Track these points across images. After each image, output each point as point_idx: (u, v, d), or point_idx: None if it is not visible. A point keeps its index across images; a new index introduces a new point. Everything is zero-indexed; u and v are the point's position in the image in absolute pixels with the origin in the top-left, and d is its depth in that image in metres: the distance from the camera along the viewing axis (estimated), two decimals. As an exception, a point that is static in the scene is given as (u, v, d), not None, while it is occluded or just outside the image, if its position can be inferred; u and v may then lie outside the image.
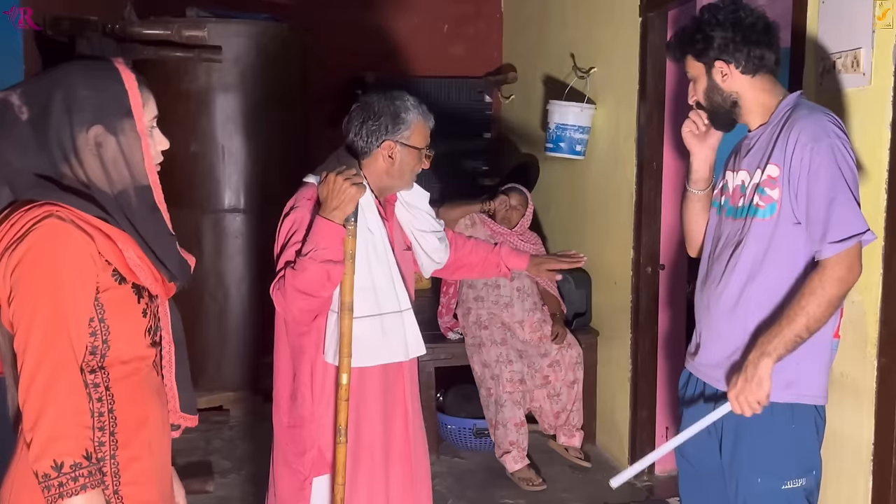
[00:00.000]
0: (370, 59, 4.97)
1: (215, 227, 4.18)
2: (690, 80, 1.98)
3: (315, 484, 2.08)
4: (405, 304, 2.10)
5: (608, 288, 3.82)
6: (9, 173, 1.34)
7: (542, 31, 4.54)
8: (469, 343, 3.73)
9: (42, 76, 1.38)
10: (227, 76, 4.08)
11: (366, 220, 2.04)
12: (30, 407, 1.25)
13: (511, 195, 3.82)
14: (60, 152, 1.35)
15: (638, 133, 3.48)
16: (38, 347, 1.26)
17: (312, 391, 2.08)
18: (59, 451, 1.24)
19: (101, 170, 1.37)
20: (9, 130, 1.34)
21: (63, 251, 1.29)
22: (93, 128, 1.36)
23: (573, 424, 3.78)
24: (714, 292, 1.95)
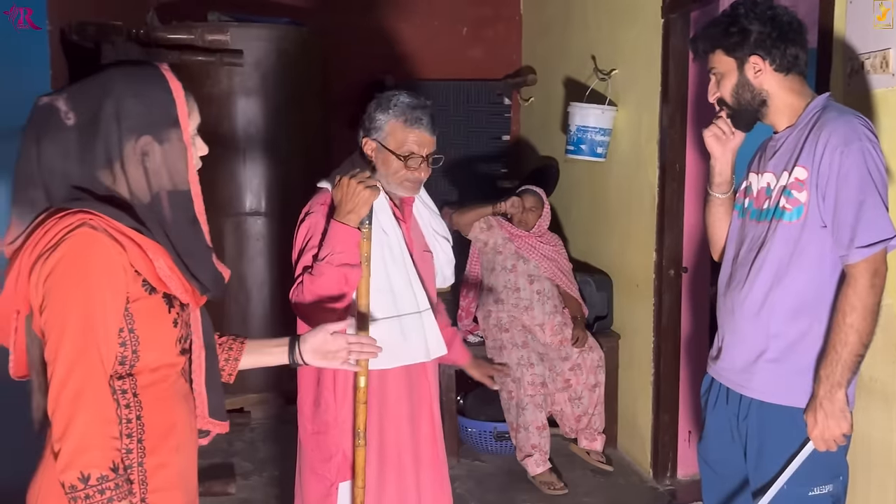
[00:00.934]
0: (390, 62, 4.98)
1: (237, 230, 4.20)
2: (715, 75, 1.94)
3: (341, 489, 2.08)
4: (424, 304, 2.09)
5: (630, 291, 3.80)
6: (48, 178, 1.34)
7: (563, 32, 4.53)
8: (489, 346, 3.72)
9: (89, 82, 1.37)
10: (249, 80, 4.10)
11: (379, 222, 2.04)
12: (58, 417, 1.25)
13: (525, 197, 3.80)
14: (105, 160, 1.35)
15: (660, 135, 3.46)
16: (68, 358, 1.26)
17: (336, 396, 2.08)
18: (87, 462, 1.24)
19: (143, 178, 1.37)
20: (54, 135, 1.33)
21: (94, 261, 1.29)
22: (142, 138, 1.36)
23: (595, 428, 3.76)
24: (738, 296, 1.93)
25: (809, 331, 1.83)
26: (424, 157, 2.08)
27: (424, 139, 2.07)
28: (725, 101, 1.94)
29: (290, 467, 2.21)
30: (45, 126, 1.34)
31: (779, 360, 1.87)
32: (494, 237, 3.78)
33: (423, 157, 2.08)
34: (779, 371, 1.87)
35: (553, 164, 4.55)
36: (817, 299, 1.82)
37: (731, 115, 1.95)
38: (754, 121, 1.95)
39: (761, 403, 1.89)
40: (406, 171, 2.07)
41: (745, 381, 1.92)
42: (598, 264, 4.08)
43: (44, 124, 1.34)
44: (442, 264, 2.28)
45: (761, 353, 1.88)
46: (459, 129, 5.12)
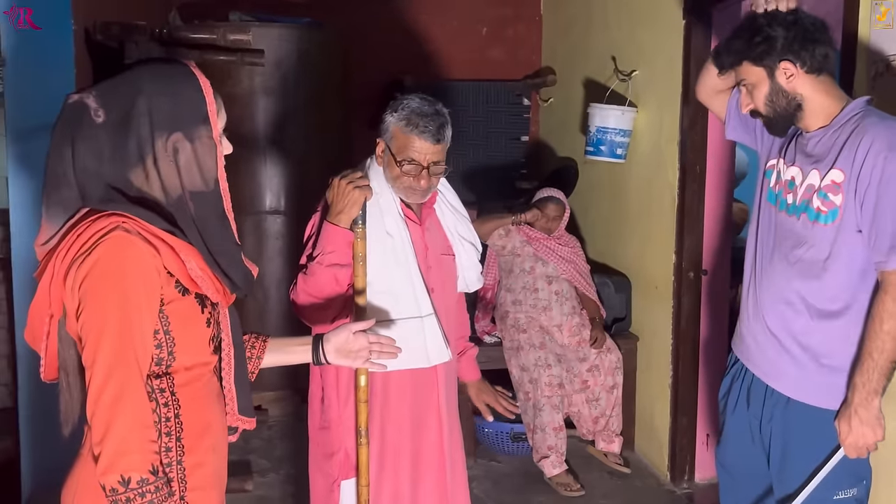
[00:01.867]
0: (409, 63, 4.99)
1: (256, 229, 4.23)
2: (745, 87, 1.91)
3: (343, 487, 2.09)
4: (426, 310, 2.06)
5: (649, 293, 3.78)
6: (81, 178, 1.34)
7: (583, 33, 4.52)
8: (507, 347, 3.72)
9: (118, 80, 1.37)
10: (270, 80, 4.12)
11: (384, 223, 2.03)
12: (98, 421, 1.26)
13: (547, 206, 3.76)
14: (138, 157, 1.35)
15: (681, 136, 3.44)
16: (106, 362, 1.27)
17: (338, 394, 2.08)
18: (126, 466, 1.26)
19: (175, 176, 1.37)
20: (85, 133, 1.33)
21: (130, 264, 1.29)
22: (173, 134, 1.36)
23: (612, 430, 3.75)
24: (768, 289, 1.92)
25: (839, 333, 1.82)
26: (425, 167, 2.01)
27: (426, 147, 2.00)
28: (759, 112, 1.92)
29: (306, 465, 2.22)
30: (77, 124, 1.34)
31: (807, 360, 1.86)
32: (512, 241, 3.77)
33: (424, 166, 2.01)
34: (806, 371, 1.86)
35: (572, 165, 4.54)
36: (847, 302, 1.81)
37: (767, 123, 1.93)
38: (790, 126, 1.93)
39: (787, 403, 1.89)
40: (405, 178, 2.02)
41: (775, 375, 1.91)
42: (617, 266, 4.06)
43: (75, 122, 1.34)
44: (465, 268, 2.25)
45: (789, 350, 1.88)
46: (479, 129, 5.12)
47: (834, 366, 1.83)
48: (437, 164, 2.03)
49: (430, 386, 2.13)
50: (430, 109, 2.02)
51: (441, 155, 2.04)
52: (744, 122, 2.09)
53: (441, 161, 2.04)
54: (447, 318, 2.16)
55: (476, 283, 2.31)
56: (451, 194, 2.25)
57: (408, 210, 2.10)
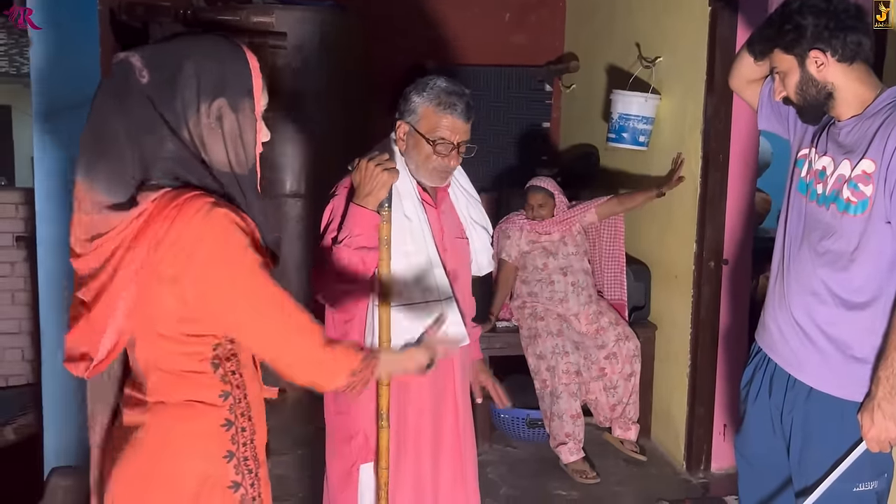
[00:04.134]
0: (431, 47, 4.97)
1: (277, 212, 4.24)
2: (778, 74, 1.89)
3: (362, 470, 2.10)
4: (445, 293, 2.06)
5: (669, 282, 3.76)
6: (139, 154, 1.31)
7: (607, 19, 4.48)
8: (524, 335, 3.71)
9: (166, 44, 1.37)
10: (292, 62, 4.12)
11: (402, 207, 2.02)
12: (297, 362, 1.38)
13: (532, 195, 3.73)
14: (183, 119, 1.33)
15: (704, 125, 3.41)
16: (280, 312, 1.35)
17: None
18: (344, 368, 1.41)
19: (221, 144, 1.36)
20: (129, 91, 1.31)
21: (239, 238, 1.31)
22: (217, 100, 1.34)
23: (629, 417, 3.75)
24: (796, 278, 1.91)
25: (865, 325, 1.81)
26: (455, 145, 2.03)
27: (457, 125, 2.02)
28: (791, 100, 1.90)
29: (323, 447, 2.24)
30: (124, 83, 1.32)
31: (831, 351, 1.85)
32: (518, 245, 3.73)
33: (455, 144, 2.03)
34: (830, 361, 1.85)
35: (593, 151, 4.51)
36: (874, 294, 1.80)
37: (798, 111, 1.91)
38: (822, 115, 1.90)
39: (809, 393, 1.88)
40: (436, 158, 2.03)
41: (798, 365, 1.90)
42: (636, 254, 4.04)
43: (120, 81, 1.32)
44: (477, 252, 2.26)
45: (813, 340, 1.87)
46: (500, 115, 5.10)
47: (858, 357, 1.81)
48: (467, 142, 2.05)
49: (447, 369, 2.13)
50: (458, 89, 2.05)
51: (469, 134, 2.06)
52: (776, 111, 2.07)
53: (468, 141, 2.06)
54: (463, 302, 2.16)
55: (487, 267, 2.32)
56: (464, 178, 2.24)
57: (424, 193, 2.10)
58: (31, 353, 4.25)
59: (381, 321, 1.95)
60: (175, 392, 1.36)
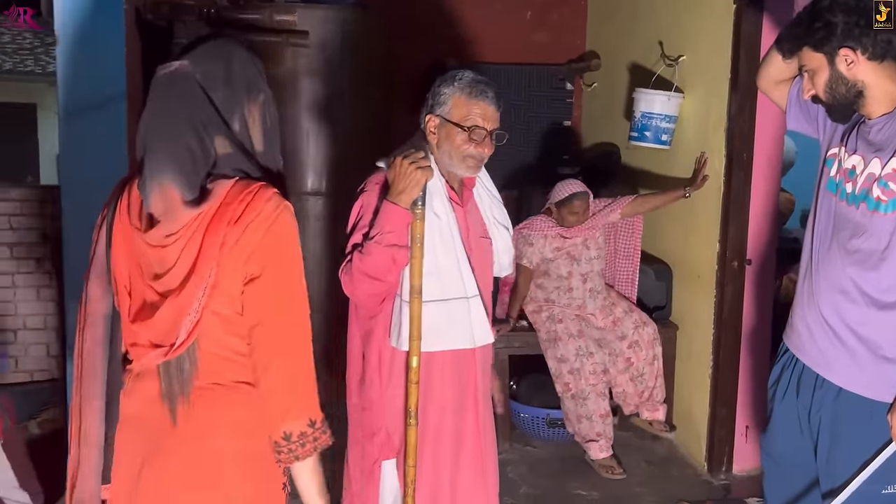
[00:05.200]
0: (452, 46, 4.97)
1: (298, 210, 4.18)
2: (807, 73, 1.88)
3: (385, 467, 2.10)
4: (472, 290, 2.07)
5: (691, 281, 3.74)
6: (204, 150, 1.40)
7: (629, 18, 4.45)
8: (543, 338, 3.69)
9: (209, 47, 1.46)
10: (314, 61, 4.13)
11: (432, 205, 2.02)
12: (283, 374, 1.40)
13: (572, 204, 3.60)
14: (237, 115, 1.44)
15: (728, 123, 3.38)
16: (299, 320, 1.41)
17: (381, 374, 2.09)
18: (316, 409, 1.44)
19: (260, 137, 1.48)
20: (187, 91, 1.41)
21: (297, 233, 1.44)
22: (260, 95, 1.48)
23: (657, 399, 3.74)
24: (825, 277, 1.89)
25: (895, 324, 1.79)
26: (488, 132, 2.05)
27: (489, 112, 2.05)
28: (820, 98, 1.88)
29: (344, 443, 2.24)
30: (186, 87, 1.41)
31: (861, 351, 1.83)
32: (542, 251, 3.69)
33: (487, 130, 2.05)
34: (860, 361, 1.83)
35: (614, 150, 4.49)
36: None
37: (828, 109, 1.90)
38: (851, 113, 1.88)
39: (838, 394, 1.86)
40: (469, 146, 2.04)
41: (826, 365, 1.88)
42: (658, 254, 4.02)
43: (181, 89, 1.41)
44: (500, 252, 2.25)
45: (843, 340, 1.85)
46: (521, 114, 5.09)
47: (889, 357, 1.79)
48: (498, 130, 2.08)
49: (469, 369, 2.14)
50: (486, 79, 2.09)
51: (499, 123, 2.09)
52: (805, 111, 2.05)
53: (499, 128, 2.09)
54: (486, 301, 2.16)
55: (507, 269, 2.32)
56: (487, 178, 2.24)
57: (452, 192, 2.11)
58: (56, 348, 4.30)
59: (413, 317, 1.97)
60: (225, 373, 1.43)
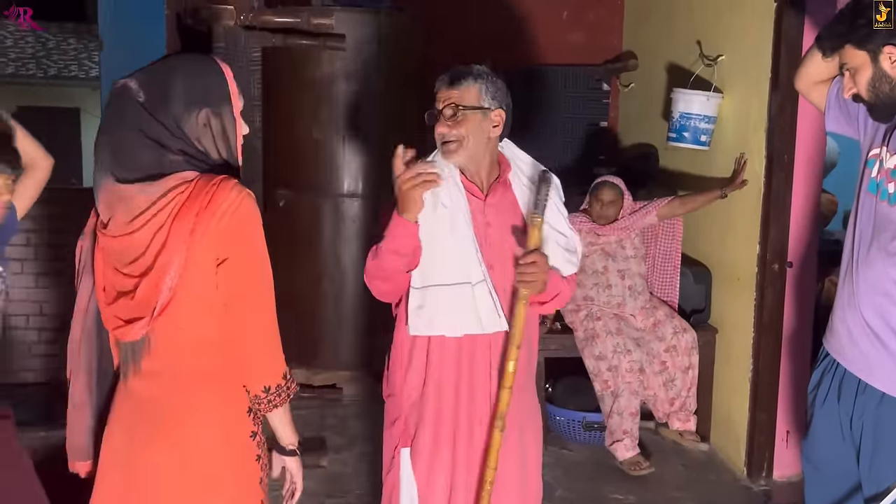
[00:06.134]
0: (488, 47, 4.93)
1: (334, 211, 4.29)
2: (848, 71, 1.84)
3: (403, 455, 2.11)
4: (477, 277, 2.03)
5: (730, 284, 3.69)
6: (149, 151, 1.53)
7: (666, 17, 4.41)
8: (580, 337, 3.67)
9: (155, 66, 1.60)
10: (350, 64, 4.16)
11: (440, 196, 2.02)
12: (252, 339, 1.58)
13: (601, 191, 3.66)
14: (179, 126, 1.55)
15: (768, 124, 3.33)
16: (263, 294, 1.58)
17: (402, 362, 2.11)
18: (272, 377, 1.60)
19: (212, 142, 1.58)
20: (129, 110, 1.54)
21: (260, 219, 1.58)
22: (203, 110, 1.57)
23: (688, 409, 3.70)
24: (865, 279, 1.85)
25: None
26: (439, 111, 2.04)
27: (442, 94, 2.05)
28: (862, 97, 1.84)
29: (380, 444, 2.26)
30: (125, 105, 1.55)
31: None
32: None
33: (439, 109, 2.04)
34: None
35: (652, 151, 4.45)
36: None
37: (869, 108, 1.86)
38: (894, 112, 1.84)
39: (881, 399, 1.82)
40: (436, 132, 2.05)
41: (869, 369, 1.84)
42: (696, 256, 3.97)
43: (124, 104, 1.55)
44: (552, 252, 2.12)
45: (885, 343, 1.81)
46: (557, 114, 5.06)
47: None
48: (452, 107, 2.02)
49: (479, 356, 2.09)
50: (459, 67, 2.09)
51: (458, 98, 2.02)
52: (845, 112, 2.01)
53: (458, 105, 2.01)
54: (510, 297, 2.08)
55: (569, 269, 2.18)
56: (557, 193, 2.15)
57: (469, 183, 2.09)
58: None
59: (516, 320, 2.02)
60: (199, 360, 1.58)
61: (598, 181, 3.74)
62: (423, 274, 2.04)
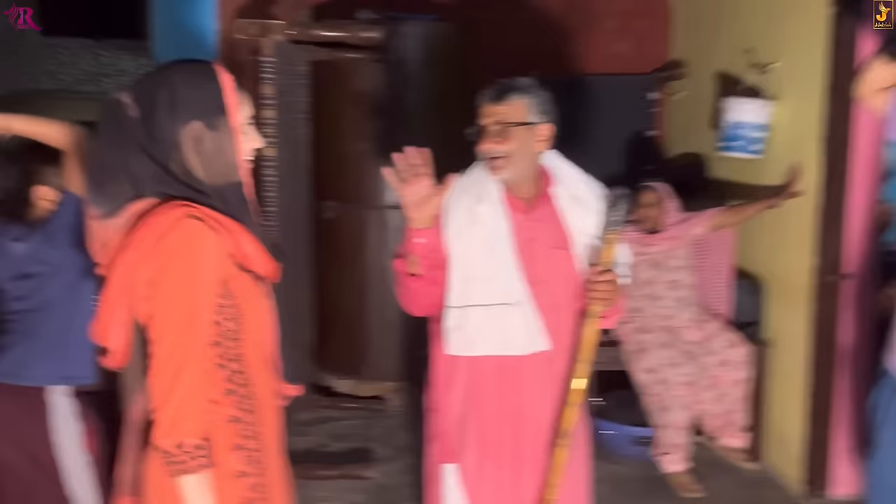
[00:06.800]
0: (533, 58, 4.93)
1: (379, 223, 4.31)
2: None
3: (445, 470, 2.09)
4: (516, 297, 2.00)
5: (784, 296, 3.60)
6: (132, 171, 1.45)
7: (714, 26, 4.35)
8: (630, 350, 3.62)
9: (149, 76, 1.49)
10: (396, 77, 4.19)
11: (477, 211, 2.01)
12: (158, 391, 1.37)
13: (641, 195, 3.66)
14: (164, 146, 1.45)
15: (823, 132, 3.24)
16: (172, 338, 1.38)
17: (442, 378, 2.10)
18: (182, 432, 1.37)
19: (199, 164, 1.46)
20: (123, 127, 1.45)
21: (200, 250, 1.40)
22: (192, 122, 1.45)
23: (739, 425, 3.61)
24: None
25: None
26: (486, 127, 2.01)
27: (487, 110, 2.02)
28: None
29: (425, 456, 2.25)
30: (117, 121, 1.46)
31: None
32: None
33: (485, 126, 2.01)
34: None
35: (701, 160, 4.38)
36: None
37: None
38: None
39: None
40: (479, 147, 2.03)
41: None
42: (748, 267, 3.88)
43: (115, 120, 1.46)
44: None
45: None
46: (604, 124, 5.01)
47: None
48: (498, 123, 1.99)
49: (523, 376, 2.06)
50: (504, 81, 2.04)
51: (505, 114, 2.00)
52: None
53: (505, 121, 1.99)
54: (557, 312, 2.07)
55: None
56: (583, 187, 2.15)
57: (513, 199, 2.06)
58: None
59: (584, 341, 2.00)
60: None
61: (636, 187, 3.72)
62: (461, 293, 2.01)
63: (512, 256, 2.02)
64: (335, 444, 3.85)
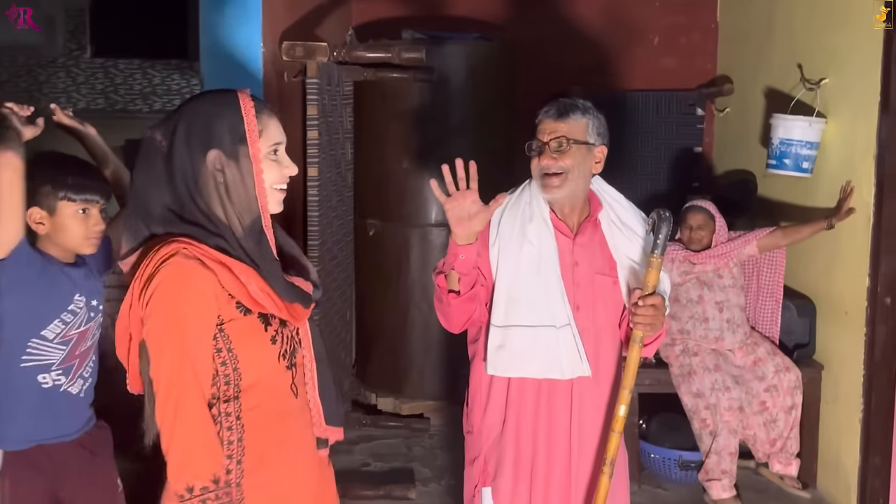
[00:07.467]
0: (578, 74, 4.91)
1: (422, 241, 4.31)
2: None
3: (483, 493, 2.07)
4: (562, 321, 1.99)
5: (837, 318, 3.49)
6: (145, 208, 1.45)
7: (763, 40, 4.26)
8: (676, 373, 3.53)
9: (176, 109, 1.48)
10: (439, 95, 4.20)
11: (526, 232, 2.01)
12: (163, 433, 1.37)
13: (690, 215, 3.59)
14: (184, 180, 1.43)
15: (878, 149, 3.15)
16: (165, 379, 1.37)
17: (480, 400, 2.08)
18: (191, 475, 1.36)
19: (218, 198, 1.43)
20: (151, 164, 1.45)
21: (185, 288, 1.37)
22: (210, 153, 1.43)
23: (790, 452, 3.50)
24: None
25: None
26: (544, 142, 2.01)
27: (548, 126, 2.02)
28: None
29: (464, 478, 2.23)
30: (147, 158, 1.45)
31: None
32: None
33: (544, 141, 2.01)
34: None
35: (750, 178, 4.29)
36: None
37: None
38: None
39: None
40: (534, 164, 2.03)
41: None
42: (800, 288, 3.78)
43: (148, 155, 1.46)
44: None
45: None
46: (649, 140, 4.96)
47: None
48: (558, 139, 2.00)
49: (561, 399, 2.04)
50: (565, 99, 2.06)
51: (567, 132, 2.00)
52: None
53: (567, 137, 2.00)
54: (598, 338, 2.06)
55: None
56: (627, 212, 2.14)
57: (559, 221, 2.06)
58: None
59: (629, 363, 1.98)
60: None
61: (686, 206, 3.66)
62: (505, 312, 2.00)
63: (558, 279, 2.01)
64: (376, 462, 3.84)
